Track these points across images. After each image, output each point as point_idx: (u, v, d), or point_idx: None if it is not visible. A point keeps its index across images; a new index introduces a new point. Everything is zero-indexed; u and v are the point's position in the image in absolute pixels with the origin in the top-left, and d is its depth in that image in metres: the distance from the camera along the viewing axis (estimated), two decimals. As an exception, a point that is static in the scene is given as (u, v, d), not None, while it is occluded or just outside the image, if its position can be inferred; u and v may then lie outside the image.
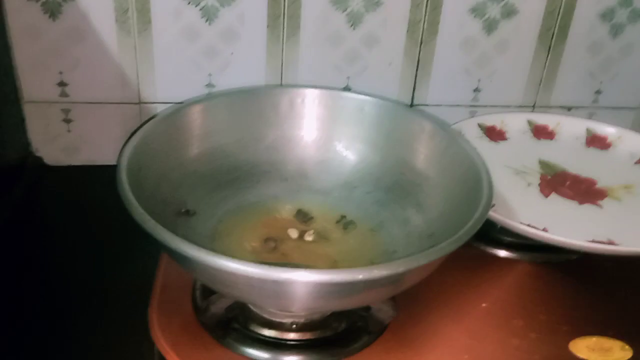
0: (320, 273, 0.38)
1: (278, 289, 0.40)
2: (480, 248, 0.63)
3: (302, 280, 0.38)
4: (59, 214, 0.68)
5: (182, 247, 0.39)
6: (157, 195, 0.49)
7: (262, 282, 0.39)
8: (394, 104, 0.64)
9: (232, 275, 0.39)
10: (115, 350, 0.50)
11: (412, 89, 0.76)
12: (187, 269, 0.44)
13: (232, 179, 0.60)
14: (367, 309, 0.50)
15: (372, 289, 0.42)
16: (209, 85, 0.72)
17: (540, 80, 0.78)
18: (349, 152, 0.63)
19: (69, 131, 0.73)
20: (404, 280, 0.44)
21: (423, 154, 0.59)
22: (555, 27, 0.75)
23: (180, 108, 0.58)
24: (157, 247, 0.53)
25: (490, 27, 0.73)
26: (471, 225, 0.44)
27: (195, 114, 0.59)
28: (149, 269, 0.56)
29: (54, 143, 0.74)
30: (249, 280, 0.39)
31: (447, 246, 0.42)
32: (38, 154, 0.74)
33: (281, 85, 0.72)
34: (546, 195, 0.67)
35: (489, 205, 0.47)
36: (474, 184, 0.50)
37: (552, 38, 0.75)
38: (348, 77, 0.74)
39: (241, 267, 0.38)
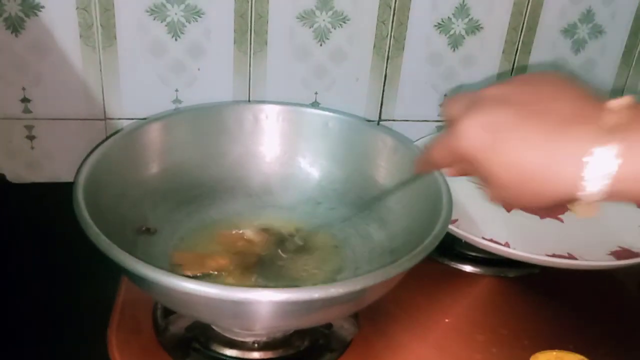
0: (278, 292, 0.38)
1: (237, 309, 0.40)
2: (445, 263, 0.64)
3: (260, 300, 0.38)
4: (20, 232, 0.67)
5: (137, 268, 0.39)
6: (117, 213, 0.49)
7: (221, 302, 0.39)
8: (357, 120, 0.64)
9: (190, 296, 0.38)
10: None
11: (379, 104, 0.77)
12: (145, 290, 0.44)
13: (195, 195, 0.60)
14: (329, 326, 0.50)
15: (332, 306, 0.41)
16: (176, 100, 0.72)
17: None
18: (313, 168, 0.63)
19: (32, 148, 0.72)
20: (364, 298, 0.44)
21: (385, 170, 0.59)
22: (519, 43, 0.76)
23: (141, 125, 0.58)
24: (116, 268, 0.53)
25: (455, 42, 0.74)
26: (430, 242, 0.44)
27: (157, 131, 0.59)
28: (110, 289, 0.56)
29: (17, 159, 0.73)
30: (207, 300, 0.38)
31: (405, 263, 0.42)
32: (0, 171, 0.73)
33: (246, 101, 0.72)
34: (508, 210, 0.67)
35: (448, 221, 0.48)
36: (434, 200, 0.50)
37: (515, 53, 0.76)
38: (316, 93, 0.74)
39: (198, 287, 0.38)
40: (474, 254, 0.64)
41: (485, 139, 0.37)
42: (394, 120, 0.78)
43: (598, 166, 0.33)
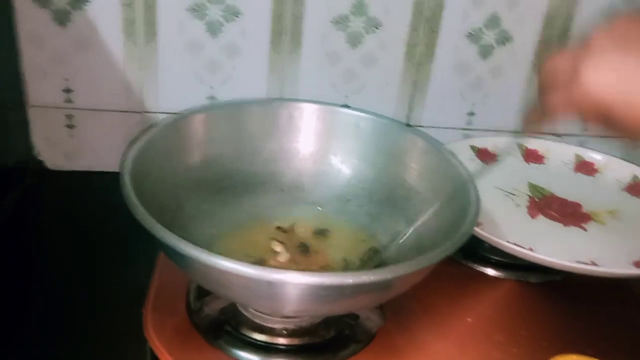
0: (312, 275, 0.40)
1: (270, 290, 0.41)
2: (469, 265, 0.65)
3: (294, 282, 0.40)
4: (57, 217, 0.70)
5: (179, 245, 0.41)
6: (156, 199, 0.50)
7: (255, 282, 0.40)
8: (389, 121, 0.66)
9: (227, 274, 0.40)
10: (108, 348, 0.52)
11: (407, 110, 0.78)
12: (183, 268, 0.46)
13: (229, 187, 0.62)
14: (356, 317, 0.52)
15: (361, 294, 0.43)
16: (210, 97, 0.74)
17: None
18: (344, 166, 0.64)
19: (71, 137, 0.75)
20: (392, 287, 0.45)
21: (415, 170, 0.61)
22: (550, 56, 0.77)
23: (183, 116, 0.60)
24: (154, 249, 0.55)
25: (485, 52, 0.76)
26: (457, 239, 0.46)
27: (197, 123, 0.61)
28: (145, 273, 0.58)
29: (56, 148, 0.75)
30: (242, 280, 0.40)
31: (433, 256, 0.44)
32: (40, 158, 0.75)
33: (282, 99, 0.74)
34: (533, 217, 0.68)
35: (475, 220, 0.49)
36: (462, 200, 0.52)
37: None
38: (346, 96, 0.76)
39: (235, 266, 0.39)
40: (497, 257, 0.65)
41: (621, 88, 0.37)
42: (421, 126, 0.79)
43: None
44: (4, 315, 0.53)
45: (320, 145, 0.64)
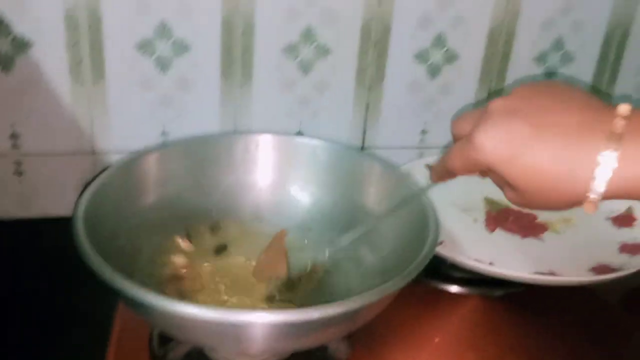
0: (277, 313, 0.39)
1: (235, 331, 0.41)
2: (432, 284, 0.65)
3: (260, 322, 0.40)
4: (10, 268, 0.67)
5: (139, 295, 0.40)
6: (113, 246, 0.49)
7: (219, 326, 0.40)
8: (345, 148, 0.66)
9: (188, 320, 0.39)
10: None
11: (362, 132, 0.79)
12: (145, 317, 0.45)
13: (189, 225, 0.61)
14: (324, 349, 0.51)
15: (329, 326, 0.43)
16: (164, 133, 0.73)
17: (483, 121, 0.82)
18: (303, 195, 0.64)
19: (20, 183, 0.72)
20: (359, 317, 0.45)
21: (374, 195, 0.61)
22: (494, 71, 0.79)
23: (136, 157, 0.59)
24: (114, 298, 0.53)
25: (434, 71, 0.77)
26: (419, 262, 0.46)
27: (151, 163, 0.60)
28: (105, 322, 0.56)
29: (6, 196, 0.73)
30: (205, 324, 0.39)
31: (398, 282, 0.44)
32: (-12, 208, 0.73)
33: (237, 131, 0.74)
34: (491, 230, 0.70)
35: (435, 242, 0.49)
36: (422, 222, 0.52)
37: (491, 81, 0.79)
38: (300, 122, 0.76)
39: (198, 311, 0.39)
40: (459, 274, 0.65)
41: (503, 150, 0.40)
42: (376, 147, 0.80)
43: (605, 168, 0.37)
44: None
45: (278, 176, 0.64)
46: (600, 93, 0.84)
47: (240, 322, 0.39)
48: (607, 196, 0.38)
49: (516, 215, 0.72)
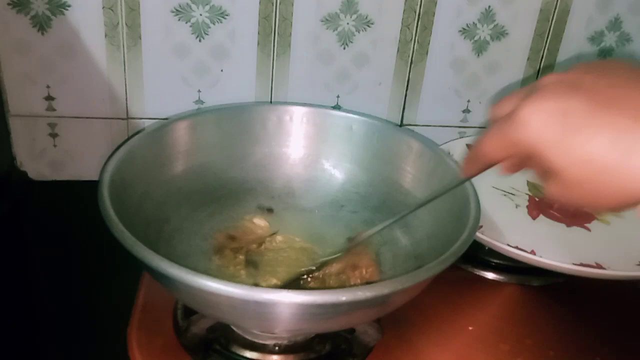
0: (303, 294, 0.37)
1: (261, 310, 0.39)
2: (468, 270, 0.63)
3: (285, 302, 0.38)
4: (43, 230, 0.67)
5: (162, 266, 0.38)
6: (140, 212, 0.48)
7: (245, 303, 0.38)
8: (383, 123, 0.63)
9: (214, 296, 0.38)
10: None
11: (401, 109, 0.76)
12: (168, 289, 0.43)
13: (218, 196, 0.59)
14: (352, 331, 0.49)
15: (356, 310, 0.41)
16: (198, 101, 0.72)
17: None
18: (336, 171, 0.62)
19: (55, 146, 0.72)
20: (389, 302, 0.43)
21: (411, 174, 0.59)
22: (544, 50, 0.75)
23: (166, 124, 0.58)
24: (138, 266, 0.52)
25: (480, 48, 0.74)
26: (457, 247, 0.44)
27: (182, 130, 0.58)
28: (130, 288, 0.56)
29: (40, 158, 0.73)
30: (231, 301, 0.38)
31: (433, 268, 0.41)
32: (23, 169, 0.73)
33: (270, 102, 0.72)
34: (534, 217, 0.66)
35: (476, 227, 0.47)
36: (461, 205, 0.49)
37: (540, 60, 0.76)
38: (338, 96, 0.74)
39: (223, 287, 0.37)
40: (497, 261, 0.62)
41: (553, 128, 0.33)
42: (415, 125, 0.77)
43: None
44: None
45: (311, 149, 0.62)
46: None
47: (265, 300, 0.37)
48: None
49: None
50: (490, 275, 0.63)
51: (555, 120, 0.33)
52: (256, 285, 0.51)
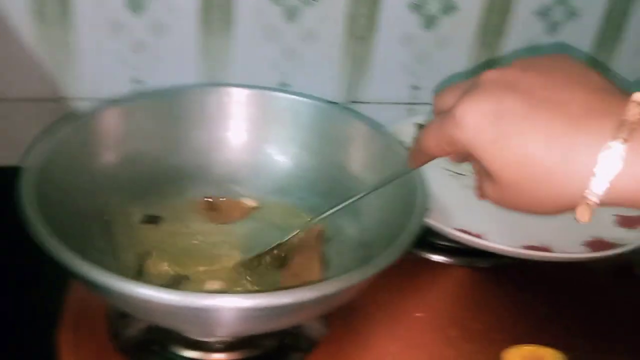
0: (244, 298, 0.35)
1: (199, 315, 0.37)
2: (414, 253, 0.62)
3: (225, 307, 0.36)
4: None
5: (91, 275, 0.36)
6: (68, 208, 0.45)
7: (182, 309, 0.36)
8: (329, 105, 0.61)
9: (149, 303, 0.35)
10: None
11: (350, 86, 0.74)
12: (99, 296, 0.41)
13: (155, 185, 0.56)
14: (297, 326, 0.48)
15: (302, 310, 0.39)
16: (136, 80, 0.68)
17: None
18: (281, 156, 0.60)
19: (-19, 130, 0.68)
20: (335, 300, 0.41)
21: (359, 158, 0.57)
22: (494, 25, 0.74)
23: (96, 111, 0.54)
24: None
25: (429, 22, 0.72)
26: (404, 238, 0.42)
27: (114, 117, 0.55)
28: (59, 284, 0.52)
29: (-35, 142, 0.68)
30: (167, 307, 0.36)
31: (380, 263, 0.40)
32: (-55, 155, 0.68)
33: (210, 84, 0.69)
34: (481, 198, 0.66)
35: (421, 220, 0.45)
36: (409, 193, 0.48)
37: (489, 35, 0.75)
38: (284, 74, 0.71)
39: (158, 294, 0.35)
40: (444, 243, 0.62)
41: (488, 129, 0.33)
42: (365, 102, 0.75)
43: (610, 163, 0.30)
44: None
45: (255, 134, 0.60)
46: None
47: (205, 306, 0.35)
48: (607, 200, 0.31)
49: (509, 183, 0.68)
50: (437, 257, 0.62)
51: (490, 122, 0.33)
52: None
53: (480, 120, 0.33)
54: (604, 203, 0.31)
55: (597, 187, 0.31)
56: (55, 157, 0.47)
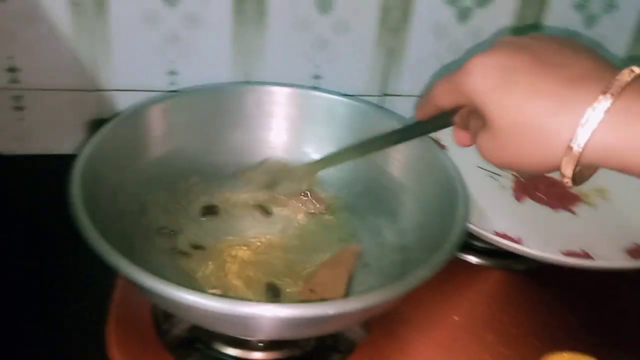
0: (287, 308, 0.36)
1: (243, 322, 0.38)
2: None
3: (266, 315, 0.36)
4: (10, 207, 0.64)
5: (140, 279, 0.36)
6: (114, 206, 0.46)
7: (226, 316, 0.37)
8: (368, 105, 0.61)
9: (194, 309, 0.36)
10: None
11: (383, 78, 0.73)
12: (147, 297, 0.41)
13: (194, 182, 0.57)
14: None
15: (343, 319, 0.39)
16: (171, 72, 0.68)
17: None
18: (318, 155, 0.60)
19: (20, 119, 0.69)
20: (376, 309, 0.42)
21: (397, 160, 0.57)
22: (530, 17, 0.73)
23: (138, 109, 0.54)
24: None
25: (463, 15, 0.71)
26: (448, 249, 0.42)
27: (155, 115, 0.55)
28: (105, 273, 0.52)
29: (5, 132, 0.69)
30: (212, 313, 0.36)
31: (424, 272, 0.40)
32: (-13, 143, 0.70)
33: (250, 82, 0.69)
34: (519, 200, 0.65)
35: (465, 225, 0.45)
36: (450, 199, 0.48)
37: (525, 27, 0.73)
38: (317, 66, 0.71)
39: (203, 301, 0.35)
40: (481, 245, 0.61)
41: (493, 79, 0.36)
42: (398, 95, 0.75)
43: (593, 119, 0.32)
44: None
45: (292, 133, 0.60)
46: None
47: (246, 314, 0.36)
48: (588, 153, 0.33)
49: (548, 183, 0.67)
50: (473, 259, 0.62)
51: (495, 73, 0.36)
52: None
53: (489, 71, 0.36)
54: (585, 157, 0.33)
55: (581, 137, 0.33)
56: (100, 160, 0.47)
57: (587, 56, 0.36)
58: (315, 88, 0.64)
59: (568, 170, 0.34)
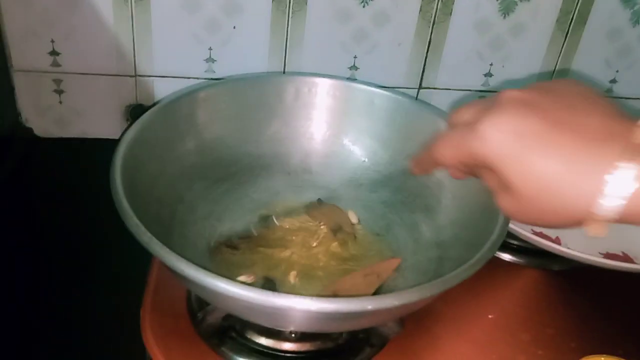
0: (323, 302, 0.36)
1: (278, 313, 0.38)
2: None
3: (301, 308, 0.36)
4: (49, 189, 0.65)
5: (178, 266, 0.37)
6: (153, 194, 0.46)
7: (262, 307, 0.37)
8: (408, 99, 0.60)
9: (230, 298, 0.36)
10: (104, 351, 0.48)
11: (421, 71, 0.73)
12: (182, 283, 0.42)
13: (232, 172, 0.57)
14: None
15: (379, 315, 0.39)
16: (209, 59, 0.68)
17: (555, 67, 0.75)
18: (356, 147, 0.59)
19: (60, 102, 0.70)
20: (413, 306, 0.41)
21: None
22: (574, 12, 0.71)
23: (178, 97, 0.54)
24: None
25: (506, 9, 0.69)
26: (488, 248, 0.42)
27: (194, 104, 0.55)
28: (142, 258, 0.52)
29: (45, 114, 0.70)
30: (248, 303, 0.36)
31: (464, 272, 0.40)
32: (28, 125, 0.71)
33: (288, 73, 0.69)
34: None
35: (506, 225, 0.44)
36: (490, 197, 0.47)
37: (570, 23, 0.72)
38: (355, 57, 0.70)
39: (239, 291, 0.35)
40: (517, 243, 0.60)
41: (510, 145, 0.35)
42: (435, 88, 0.74)
43: (618, 184, 0.32)
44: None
45: (330, 124, 0.59)
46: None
47: (280, 305, 0.36)
48: (615, 217, 0.33)
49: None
50: (510, 257, 0.61)
51: (512, 138, 0.35)
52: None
53: (503, 136, 0.35)
54: (621, 219, 0.33)
55: (604, 205, 0.33)
56: (140, 148, 0.48)
57: (594, 108, 0.36)
58: (353, 79, 0.63)
59: (597, 231, 0.34)
